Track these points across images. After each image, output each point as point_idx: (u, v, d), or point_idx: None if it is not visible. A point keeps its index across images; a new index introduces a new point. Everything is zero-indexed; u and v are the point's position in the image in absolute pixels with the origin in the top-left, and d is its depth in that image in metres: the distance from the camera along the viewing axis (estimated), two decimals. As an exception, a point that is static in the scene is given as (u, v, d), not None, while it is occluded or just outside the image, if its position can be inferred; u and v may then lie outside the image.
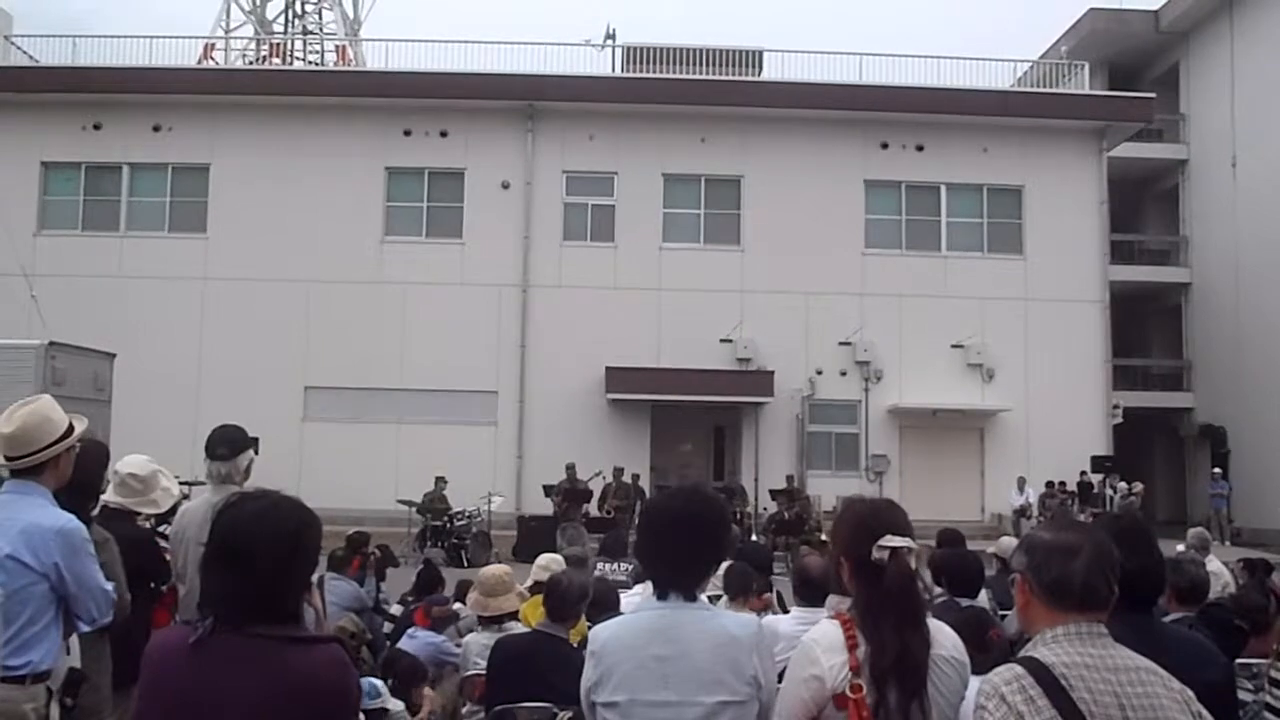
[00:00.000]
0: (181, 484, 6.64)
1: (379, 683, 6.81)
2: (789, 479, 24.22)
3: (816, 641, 2.96)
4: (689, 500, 3.33)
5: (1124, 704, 2.51)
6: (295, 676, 2.62)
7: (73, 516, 4.17)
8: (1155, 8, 34.73)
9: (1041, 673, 2.55)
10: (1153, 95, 30.41)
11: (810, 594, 5.60)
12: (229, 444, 5.41)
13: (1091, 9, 34.80)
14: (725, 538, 3.48)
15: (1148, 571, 3.39)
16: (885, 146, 27.69)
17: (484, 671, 6.07)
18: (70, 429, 4.26)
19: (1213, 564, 10.04)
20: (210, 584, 2.74)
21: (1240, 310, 30.71)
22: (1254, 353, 29.83)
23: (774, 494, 23.30)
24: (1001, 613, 7.06)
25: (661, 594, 3.19)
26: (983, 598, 7.03)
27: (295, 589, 2.76)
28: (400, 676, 7.12)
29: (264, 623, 2.63)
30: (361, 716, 4.33)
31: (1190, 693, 2.62)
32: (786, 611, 6.73)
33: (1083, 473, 25.59)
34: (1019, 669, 2.59)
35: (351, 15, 40.75)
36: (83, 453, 4.63)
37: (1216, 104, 32.72)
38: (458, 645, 7.75)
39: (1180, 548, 10.02)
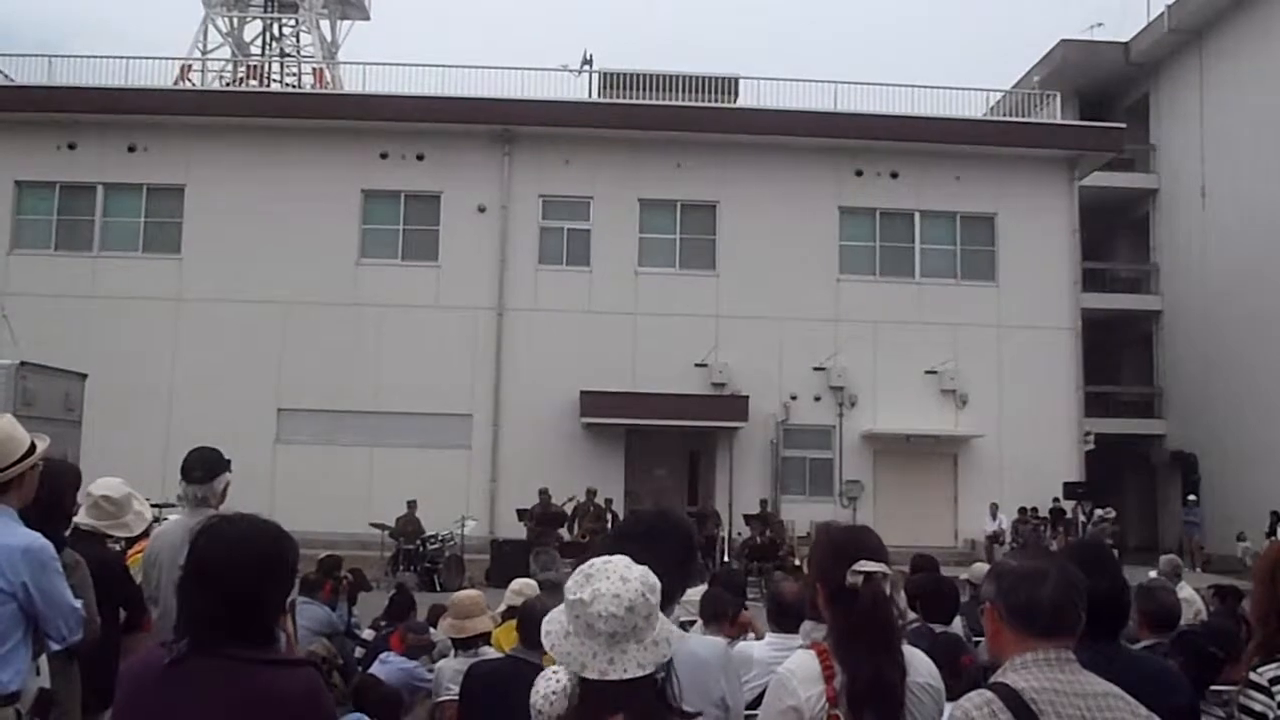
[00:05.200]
0: (152, 506, 6.60)
1: (364, 718, 6.77)
2: (763, 504, 24.25)
3: (793, 673, 2.96)
4: (656, 524, 3.34)
5: (1091, 728, 2.54)
6: (270, 699, 2.63)
7: (39, 535, 4.14)
8: (1125, 40, 35.17)
9: (1011, 698, 2.57)
10: (1123, 125, 30.81)
11: (785, 620, 5.61)
12: (206, 467, 5.37)
13: (1063, 40, 35.21)
14: (691, 562, 3.48)
15: (1112, 598, 3.41)
16: (860, 174, 27.86)
17: (457, 697, 6.05)
18: (33, 448, 4.23)
19: (1184, 591, 10.08)
20: (187, 606, 2.74)
21: (1210, 338, 30.99)
22: (1224, 380, 30.10)
23: (748, 519, 23.32)
24: (975, 639, 7.07)
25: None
26: (957, 624, 7.04)
27: (272, 611, 2.78)
28: (377, 708, 7.05)
29: (240, 645, 2.64)
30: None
31: (1157, 718, 2.65)
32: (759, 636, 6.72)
33: (1055, 499, 25.72)
34: (989, 694, 2.61)
35: (329, 38, 40.74)
36: (56, 475, 4.60)
37: (1186, 134, 33.11)
38: (430, 671, 7.72)
39: (1152, 574, 10.06)
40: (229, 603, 2.64)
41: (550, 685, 2.55)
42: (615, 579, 2.38)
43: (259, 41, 41.12)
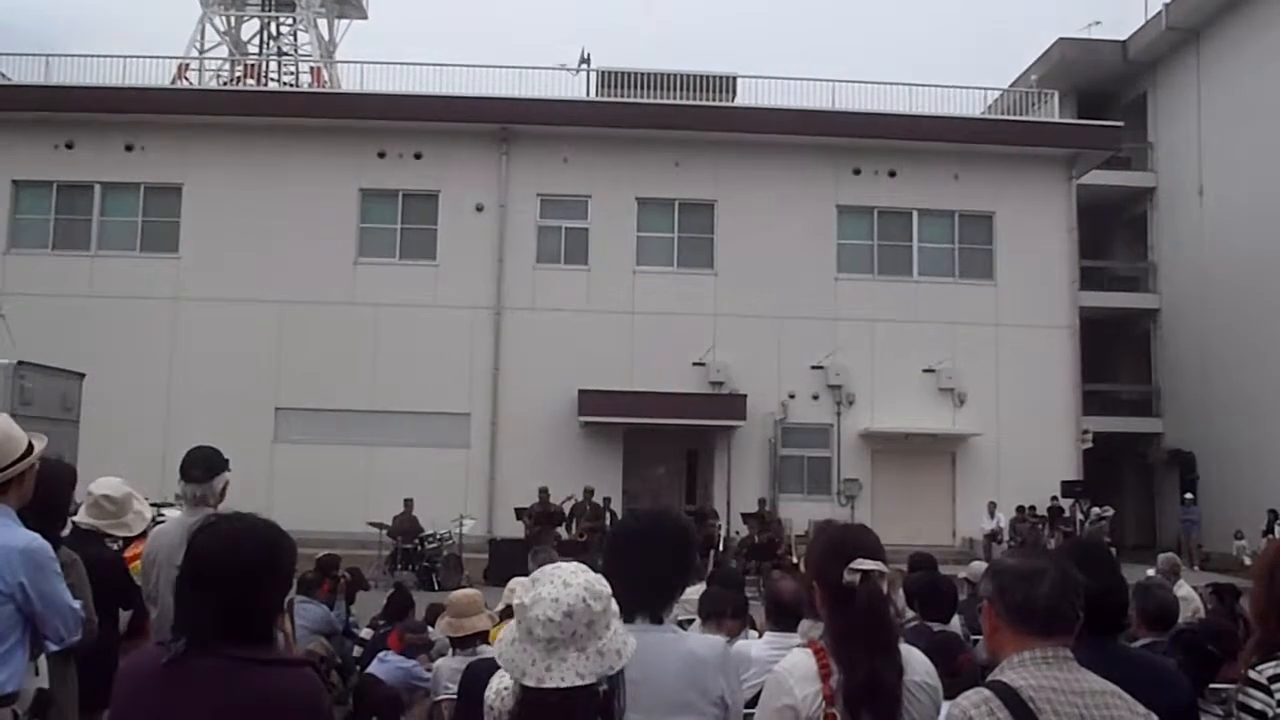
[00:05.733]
0: (151, 505, 6.59)
1: None
2: (761, 503, 24.25)
3: (789, 671, 2.96)
4: (655, 523, 3.34)
5: (1089, 726, 2.54)
6: (268, 699, 2.61)
7: (37, 535, 4.14)
8: (1123, 38, 35.17)
9: (1009, 696, 2.58)
10: (1121, 124, 30.83)
11: (783, 618, 5.61)
12: (205, 466, 5.36)
13: (1061, 38, 35.20)
14: (691, 560, 3.49)
15: (1110, 595, 3.41)
16: (858, 172, 27.86)
17: (455, 696, 6.04)
18: (30, 447, 4.23)
19: (1182, 589, 10.08)
20: (184, 605, 2.73)
21: (1208, 336, 31.01)
22: (1222, 379, 30.11)
23: (745, 518, 23.33)
24: (974, 637, 7.07)
25: (628, 617, 3.19)
26: (955, 623, 7.05)
27: (269, 611, 2.76)
28: (376, 707, 7.05)
29: (237, 644, 2.63)
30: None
31: (1155, 717, 2.66)
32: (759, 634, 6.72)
33: (1053, 497, 25.72)
34: (986, 692, 2.62)
35: (326, 37, 40.73)
36: (52, 474, 4.59)
37: (1184, 132, 33.12)
38: (428, 670, 7.72)
39: (1150, 573, 10.07)
40: (226, 602, 2.62)
41: (504, 680, 2.52)
42: (558, 584, 2.36)
43: (256, 40, 41.12)
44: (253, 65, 37.36)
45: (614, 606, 2.41)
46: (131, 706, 2.69)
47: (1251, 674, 3.36)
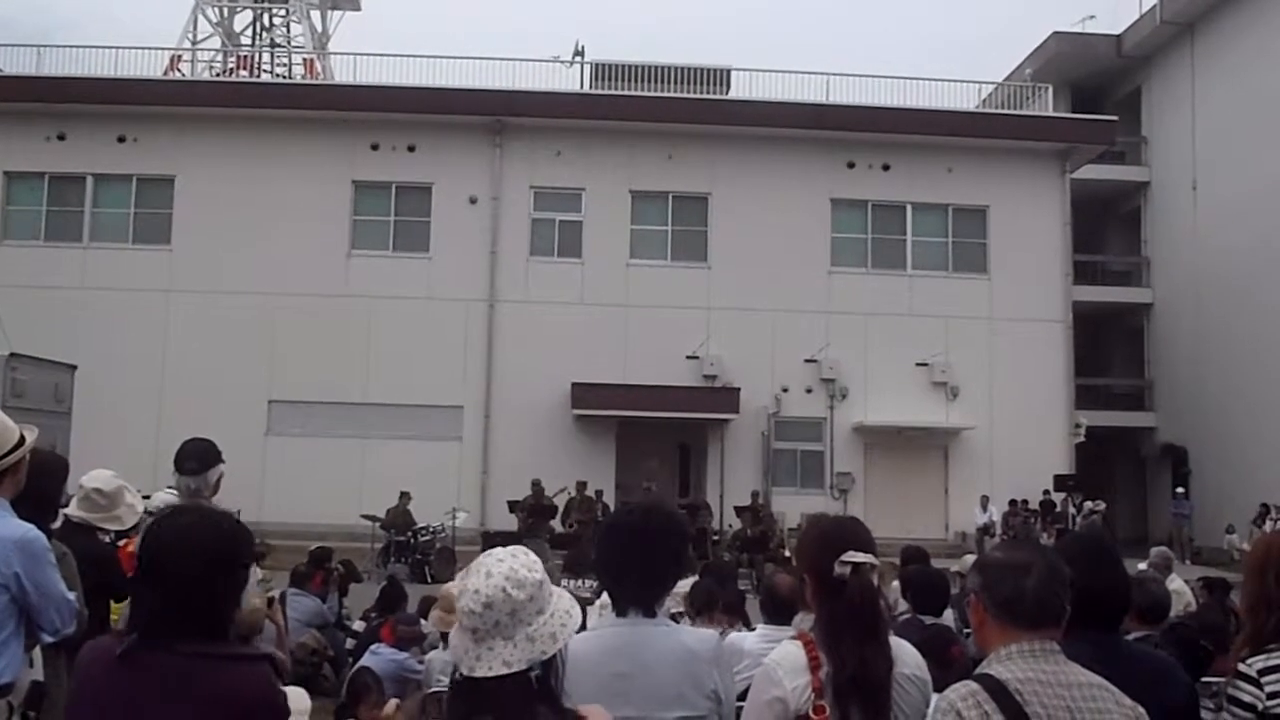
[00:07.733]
0: (143, 498, 6.57)
1: None
2: (753, 496, 24.22)
3: (779, 663, 2.96)
4: (648, 516, 3.33)
5: (1076, 719, 2.55)
6: (220, 694, 2.58)
7: (33, 526, 4.13)
8: (1117, 32, 35.19)
9: (996, 688, 2.59)
10: (1115, 118, 30.83)
11: (778, 612, 5.62)
12: (199, 458, 5.35)
13: (1055, 32, 35.23)
14: (684, 554, 3.48)
15: (1113, 589, 3.40)
16: (852, 166, 27.85)
17: (448, 689, 6.03)
18: (22, 439, 4.22)
19: (1174, 583, 10.12)
20: (138, 599, 2.70)
21: (1201, 331, 31.06)
22: (1214, 373, 30.17)
23: (739, 511, 23.32)
24: (966, 631, 7.08)
25: (621, 611, 3.19)
26: (947, 616, 7.06)
27: (223, 605, 2.71)
28: (352, 692, 7.02)
29: (191, 639, 2.59)
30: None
31: (1142, 710, 2.66)
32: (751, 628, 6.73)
33: (1046, 491, 25.75)
34: (974, 685, 2.62)
35: (319, 29, 40.64)
36: (44, 467, 4.58)
37: (1177, 127, 33.16)
38: (421, 663, 7.72)
39: (1142, 566, 10.10)
40: (178, 596, 2.58)
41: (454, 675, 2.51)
42: (481, 574, 2.32)
43: (249, 32, 41.02)
44: (245, 57, 37.27)
45: (546, 591, 2.34)
46: (86, 694, 2.66)
47: (1241, 667, 3.37)
